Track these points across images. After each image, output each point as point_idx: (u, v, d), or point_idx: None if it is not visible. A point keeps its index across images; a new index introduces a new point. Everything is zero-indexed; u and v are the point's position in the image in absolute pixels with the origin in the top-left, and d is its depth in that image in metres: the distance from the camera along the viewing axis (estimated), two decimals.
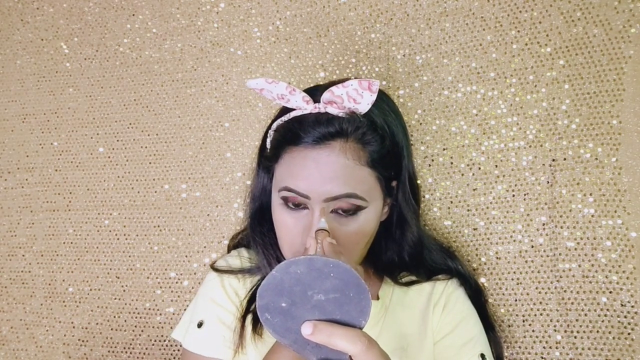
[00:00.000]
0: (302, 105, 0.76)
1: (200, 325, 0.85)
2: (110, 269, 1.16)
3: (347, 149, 0.74)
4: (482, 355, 0.82)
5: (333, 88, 0.74)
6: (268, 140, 0.84)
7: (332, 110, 0.75)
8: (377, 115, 0.78)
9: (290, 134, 0.76)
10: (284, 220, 0.78)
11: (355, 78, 0.81)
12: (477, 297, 0.92)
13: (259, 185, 0.89)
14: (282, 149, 0.78)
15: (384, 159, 0.78)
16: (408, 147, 0.85)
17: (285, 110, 0.81)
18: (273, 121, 0.83)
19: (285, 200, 0.77)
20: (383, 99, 0.83)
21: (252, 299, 0.85)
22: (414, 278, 0.90)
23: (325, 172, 0.73)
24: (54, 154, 1.22)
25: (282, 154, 0.78)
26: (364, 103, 0.75)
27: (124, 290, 1.15)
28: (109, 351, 1.14)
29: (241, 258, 0.91)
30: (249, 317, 0.83)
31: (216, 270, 0.90)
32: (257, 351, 0.82)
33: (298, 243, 0.76)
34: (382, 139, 0.78)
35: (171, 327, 1.11)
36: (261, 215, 0.89)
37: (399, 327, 0.84)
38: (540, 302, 0.97)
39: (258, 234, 0.88)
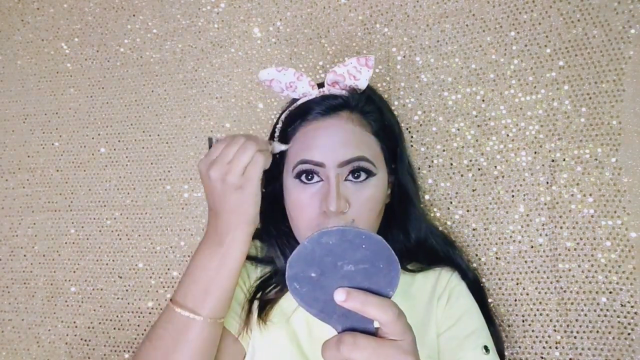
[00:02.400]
0: (308, 91, 0.84)
1: None
2: (113, 269, 1.17)
3: (354, 118, 0.82)
4: (485, 347, 0.83)
5: (335, 68, 0.82)
6: (277, 131, 0.88)
7: (335, 91, 0.83)
8: (373, 94, 0.88)
9: (299, 113, 0.84)
10: (299, 199, 0.80)
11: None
12: (477, 289, 0.93)
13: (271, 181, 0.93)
14: (293, 129, 0.83)
15: (384, 131, 0.85)
16: (402, 134, 0.93)
17: (291, 104, 0.87)
18: (280, 115, 0.88)
19: (300, 175, 0.80)
20: (373, 92, 0.91)
21: (259, 287, 0.88)
22: (419, 266, 0.92)
23: (336, 139, 0.79)
24: (55, 154, 1.23)
25: (294, 134, 0.83)
26: (362, 79, 0.83)
27: (127, 290, 1.16)
28: (111, 351, 1.14)
29: (256, 248, 0.94)
30: (255, 304, 0.86)
31: None
32: (260, 336, 0.84)
33: (315, 218, 0.78)
34: (381, 111, 0.86)
35: None
36: (272, 208, 0.91)
37: None
38: (540, 302, 0.98)
39: (272, 224, 0.91)
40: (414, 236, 0.92)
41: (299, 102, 0.85)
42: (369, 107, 0.84)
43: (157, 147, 1.18)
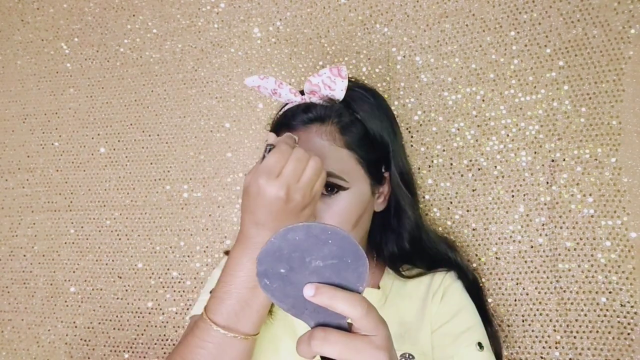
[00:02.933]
0: (291, 98, 0.84)
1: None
2: (112, 269, 1.17)
3: (323, 132, 0.81)
4: (480, 344, 0.82)
5: (310, 77, 0.81)
6: (266, 141, 0.87)
7: (315, 99, 0.83)
8: (357, 103, 0.85)
9: (280, 122, 0.85)
10: None
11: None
12: (476, 291, 0.92)
13: None
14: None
15: (362, 142, 0.83)
16: (397, 139, 0.90)
17: (282, 109, 0.88)
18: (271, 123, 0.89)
19: None
20: (367, 95, 0.89)
21: None
22: (414, 271, 0.91)
23: None
24: (55, 154, 1.23)
25: None
26: (337, 89, 0.82)
27: (126, 290, 1.16)
28: (111, 351, 1.14)
29: None
30: None
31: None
32: (265, 327, 0.83)
33: None
34: (361, 122, 0.84)
35: (173, 327, 1.12)
36: None
37: (398, 315, 0.86)
38: (540, 302, 0.98)
39: None
40: (408, 240, 0.91)
41: (285, 108, 0.86)
42: (345, 120, 0.83)
43: (156, 147, 1.18)
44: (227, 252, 0.94)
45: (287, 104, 0.87)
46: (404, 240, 0.91)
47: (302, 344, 0.52)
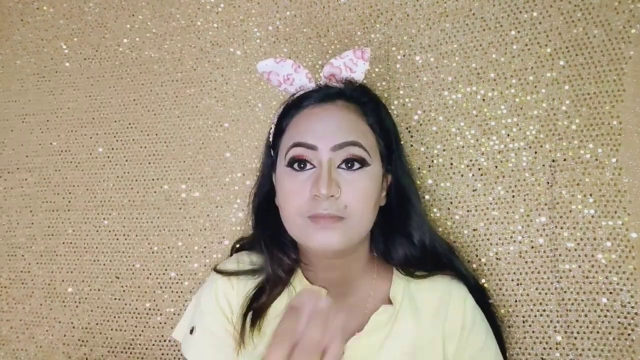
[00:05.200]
0: (305, 83, 0.86)
1: (192, 331, 0.87)
2: (110, 269, 1.16)
3: (350, 107, 0.83)
4: None
5: (332, 60, 0.84)
6: (273, 125, 0.88)
7: (331, 84, 0.86)
8: (371, 93, 0.89)
9: (294, 104, 0.85)
10: (290, 187, 0.80)
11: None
12: (478, 295, 0.92)
13: (265, 179, 0.93)
14: (288, 119, 0.84)
15: (380, 125, 0.85)
16: (399, 138, 0.93)
17: (291, 97, 0.89)
18: (275, 115, 0.89)
19: (292, 163, 0.79)
20: (373, 92, 0.92)
21: (251, 299, 0.86)
22: (424, 272, 0.90)
23: (331, 123, 0.80)
24: (54, 154, 1.22)
25: (289, 123, 0.84)
26: (358, 72, 0.86)
27: (124, 291, 1.15)
28: (108, 351, 1.14)
29: (239, 263, 0.92)
30: (248, 318, 0.85)
31: (218, 272, 0.91)
32: (253, 351, 0.83)
33: (305, 204, 0.78)
34: (378, 107, 0.87)
35: (171, 327, 1.11)
36: (265, 209, 0.91)
37: (408, 332, 0.84)
38: (541, 303, 0.97)
39: (262, 228, 0.91)
40: (417, 239, 0.89)
41: (296, 95, 0.86)
42: (365, 98, 0.85)
43: (155, 146, 1.17)
44: (215, 268, 0.92)
45: (294, 94, 0.87)
46: (413, 239, 0.89)
47: None
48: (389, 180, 0.89)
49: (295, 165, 0.79)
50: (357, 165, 0.78)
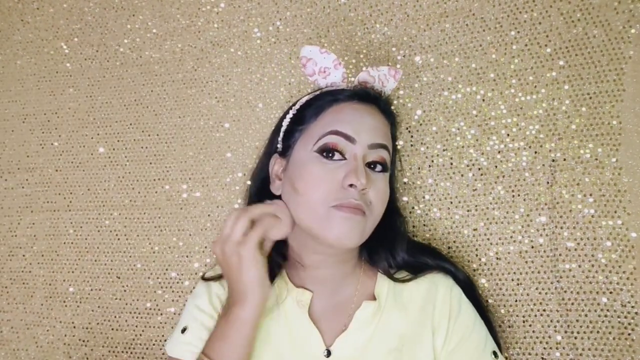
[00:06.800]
0: (338, 81, 0.90)
1: (184, 331, 0.88)
2: (111, 269, 1.17)
3: (382, 114, 0.88)
4: (494, 353, 0.84)
5: (369, 69, 0.90)
6: (292, 112, 0.89)
7: (368, 89, 0.89)
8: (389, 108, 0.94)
9: (335, 94, 0.87)
10: (317, 172, 0.80)
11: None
12: (469, 289, 0.92)
13: (261, 177, 0.94)
14: (325, 107, 0.85)
15: (393, 140, 0.92)
16: (395, 156, 0.96)
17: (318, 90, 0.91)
18: (294, 104, 0.91)
19: (323, 151, 0.81)
20: None
21: None
22: (407, 275, 0.91)
23: (371, 121, 0.84)
24: (55, 154, 1.22)
25: (325, 109, 0.85)
26: (387, 88, 0.93)
27: (125, 291, 1.15)
28: (109, 351, 1.14)
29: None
30: None
31: (206, 279, 0.94)
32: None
33: (333, 192, 0.79)
34: (395, 124, 0.94)
35: (172, 327, 1.11)
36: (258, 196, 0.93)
37: (395, 328, 0.85)
38: (541, 303, 0.97)
39: None
40: (400, 257, 0.91)
41: (325, 89, 0.89)
42: (392, 113, 0.92)
43: (156, 146, 1.17)
44: (203, 277, 0.96)
45: (321, 88, 0.90)
46: (397, 257, 0.91)
47: None
48: None
49: (325, 154, 0.81)
50: (379, 167, 0.83)
